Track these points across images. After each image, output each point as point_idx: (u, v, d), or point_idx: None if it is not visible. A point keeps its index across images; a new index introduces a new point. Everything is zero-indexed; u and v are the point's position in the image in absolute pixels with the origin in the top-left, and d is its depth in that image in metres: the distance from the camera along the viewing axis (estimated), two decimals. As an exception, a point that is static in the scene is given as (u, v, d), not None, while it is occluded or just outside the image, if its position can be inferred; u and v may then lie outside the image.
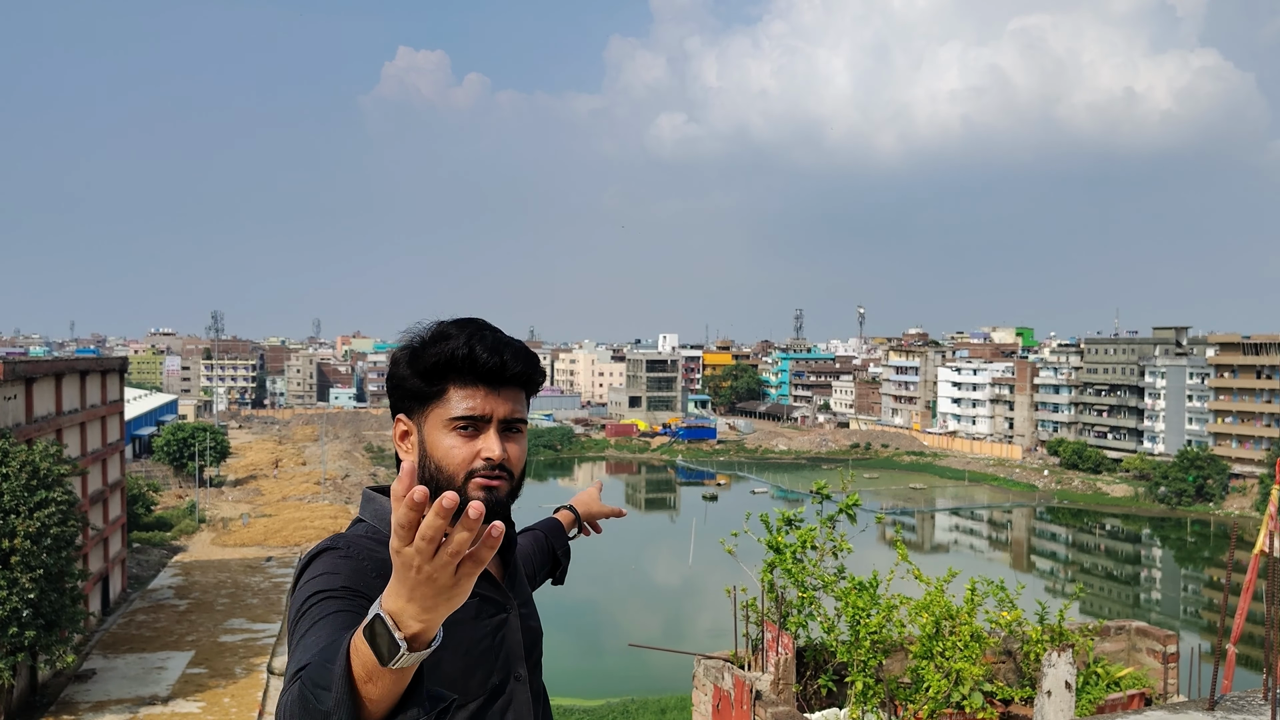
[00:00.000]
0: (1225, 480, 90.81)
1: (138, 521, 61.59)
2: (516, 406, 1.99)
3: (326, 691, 1.39)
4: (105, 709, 34.20)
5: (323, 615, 1.69)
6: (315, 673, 1.43)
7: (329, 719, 1.38)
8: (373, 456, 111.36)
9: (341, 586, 1.76)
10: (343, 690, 1.37)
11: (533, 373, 2.01)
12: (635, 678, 36.27)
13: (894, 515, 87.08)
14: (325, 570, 1.81)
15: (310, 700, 1.41)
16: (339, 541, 1.90)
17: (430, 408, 1.96)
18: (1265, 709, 4.20)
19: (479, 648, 1.96)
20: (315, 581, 1.79)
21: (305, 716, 1.41)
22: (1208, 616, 60.98)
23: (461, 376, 1.94)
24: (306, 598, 1.76)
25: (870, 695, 8.96)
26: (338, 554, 1.85)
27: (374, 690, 1.36)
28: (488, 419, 1.94)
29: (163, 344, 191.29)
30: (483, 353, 1.93)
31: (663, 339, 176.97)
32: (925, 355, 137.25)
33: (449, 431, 1.93)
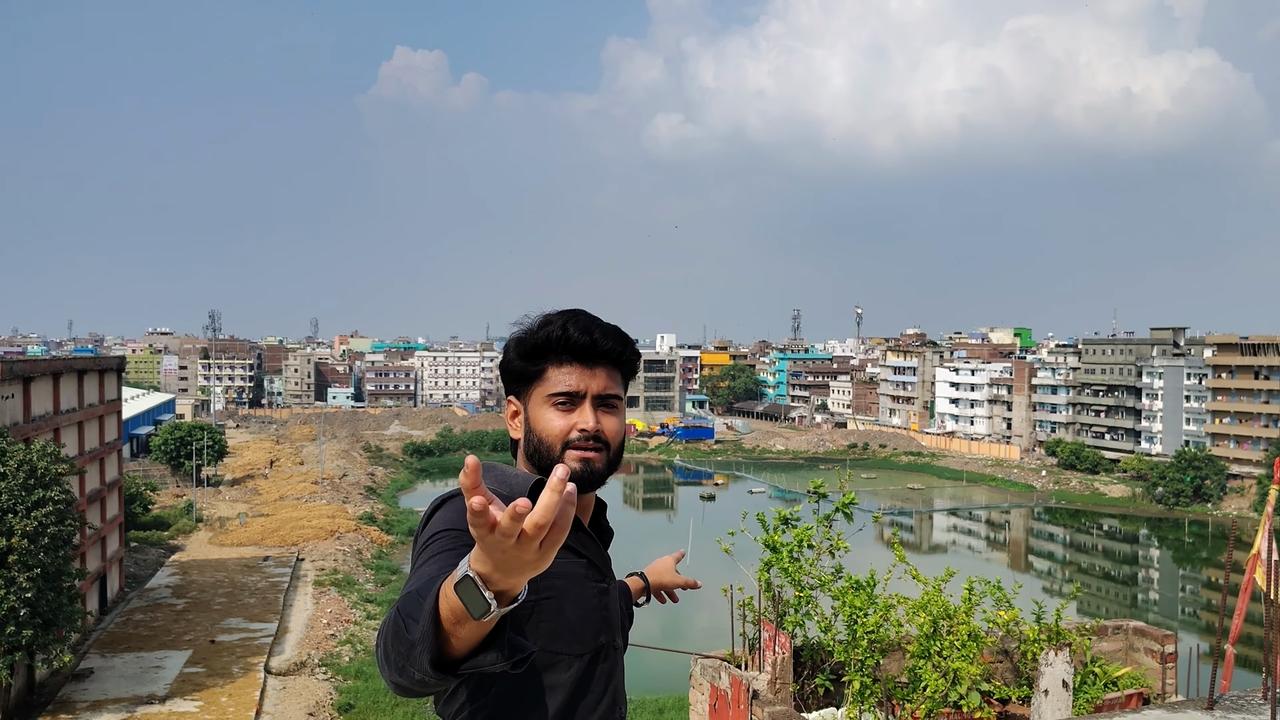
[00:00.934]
0: (1223, 481, 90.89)
1: (135, 521, 61.53)
2: (611, 384, 2.18)
3: (415, 622, 1.56)
4: (103, 708, 34.15)
5: (440, 550, 1.87)
6: (409, 604, 1.61)
7: (414, 648, 1.56)
8: (370, 456, 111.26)
9: (464, 529, 1.90)
10: (429, 626, 1.53)
11: (624, 351, 2.20)
12: (632, 678, 36.01)
13: (892, 515, 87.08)
14: (455, 511, 1.98)
15: (401, 628, 1.59)
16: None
17: (533, 387, 2.17)
18: (1264, 709, 4.19)
19: (589, 604, 2.12)
20: (442, 520, 1.98)
21: (396, 641, 1.60)
22: (1206, 617, 61.01)
23: (558, 356, 2.14)
24: (432, 534, 1.95)
25: (867, 695, 8.94)
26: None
27: (461, 631, 1.52)
28: (583, 394, 2.13)
29: (160, 343, 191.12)
30: (575, 332, 2.13)
31: (660, 339, 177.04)
32: (923, 355, 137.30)
33: (549, 407, 2.13)
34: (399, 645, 1.59)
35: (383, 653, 1.65)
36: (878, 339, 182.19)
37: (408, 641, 1.57)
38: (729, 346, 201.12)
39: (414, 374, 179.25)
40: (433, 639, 1.53)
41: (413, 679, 1.59)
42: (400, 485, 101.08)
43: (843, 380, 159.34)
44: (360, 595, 51.56)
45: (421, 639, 1.54)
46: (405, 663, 1.58)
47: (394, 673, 1.62)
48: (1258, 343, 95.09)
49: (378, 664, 1.70)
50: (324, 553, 59.54)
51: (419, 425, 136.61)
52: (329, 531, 64.48)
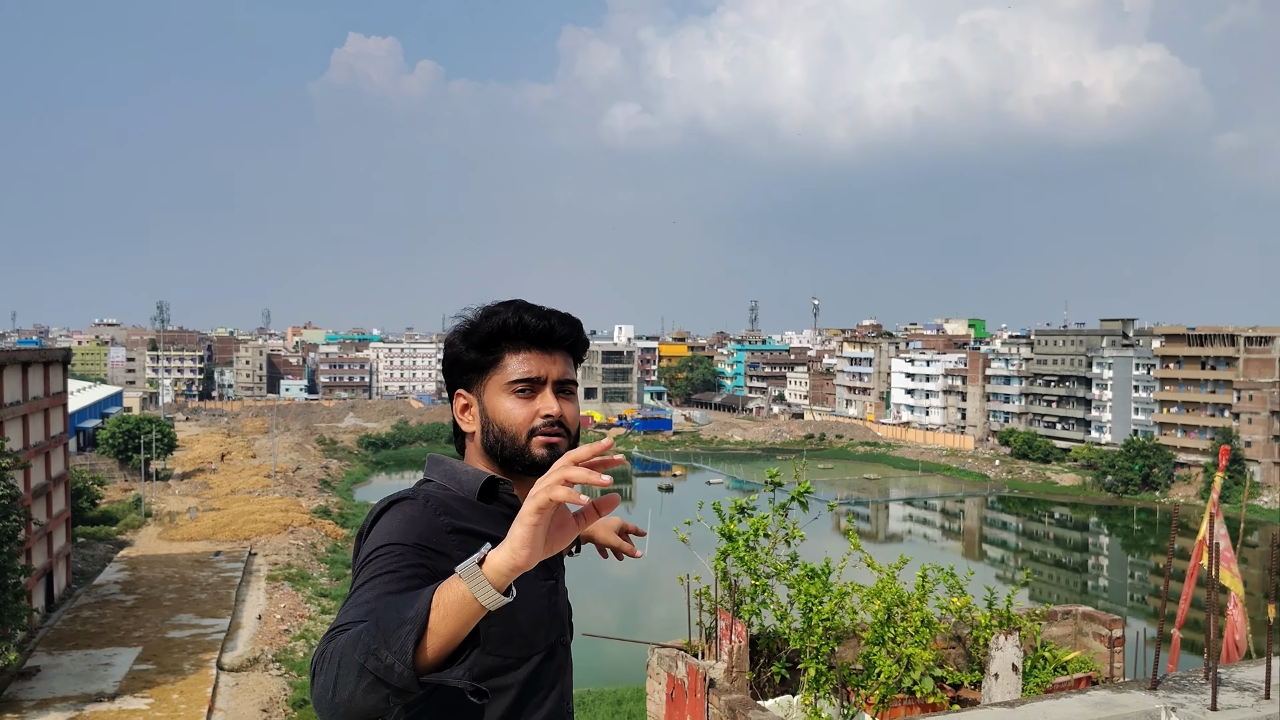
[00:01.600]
0: (1170, 469, 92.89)
1: (82, 516, 60.40)
2: (567, 369, 2.18)
3: (400, 622, 1.56)
4: (50, 707, 33.51)
5: (382, 572, 1.81)
6: (388, 611, 1.61)
7: (398, 631, 1.55)
8: (325, 449, 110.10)
9: (414, 543, 1.88)
10: (422, 615, 1.56)
11: (578, 336, 2.21)
12: (590, 669, 36.22)
13: (848, 505, 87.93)
14: (402, 521, 1.93)
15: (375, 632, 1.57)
16: (416, 493, 2.03)
17: (488, 376, 2.13)
18: (1206, 687, 4.27)
19: (540, 604, 2.10)
20: (385, 532, 1.91)
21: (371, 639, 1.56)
22: (1153, 602, 62.37)
23: (515, 343, 2.12)
24: (374, 549, 1.88)
25: (823, 681, 9.01)
26: (415, 505, 1.98)
27: (444, 631, 1.56)
28: (543, 380, 2.12)
29: (107, 335, 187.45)
30: (531, 319, 2.12)
31: (618, 330, 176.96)
32: (879, 346, 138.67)
33: (508, 395, 2.10)
34: (378, 633, 1.55)
35: (341, 661, 1.57)
36: (834, 330, 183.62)
37: (394, 623, 1.56)
38: (687, 338, 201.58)
39: (369, 365, 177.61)
40: (422, 625, 1.54)
41: (382, 672, 1.54)
42: (355, 478, 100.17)
43: (800, 371, 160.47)
44: (314, 589, 51.04)
45: (414, 618, 1.55)
46: (382, 649, 1.54)
47: (354, 676, 1.55)
48: (1204, 334, 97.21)
49: (318, 693, 1.60)
50: (277, 547, 58.85)
51: (374, 417, 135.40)
52: (282, 525, 63.75)
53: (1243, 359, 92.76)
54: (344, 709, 1.57)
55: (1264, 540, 74.15)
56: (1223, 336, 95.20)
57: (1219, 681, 4.27)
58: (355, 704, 1.56)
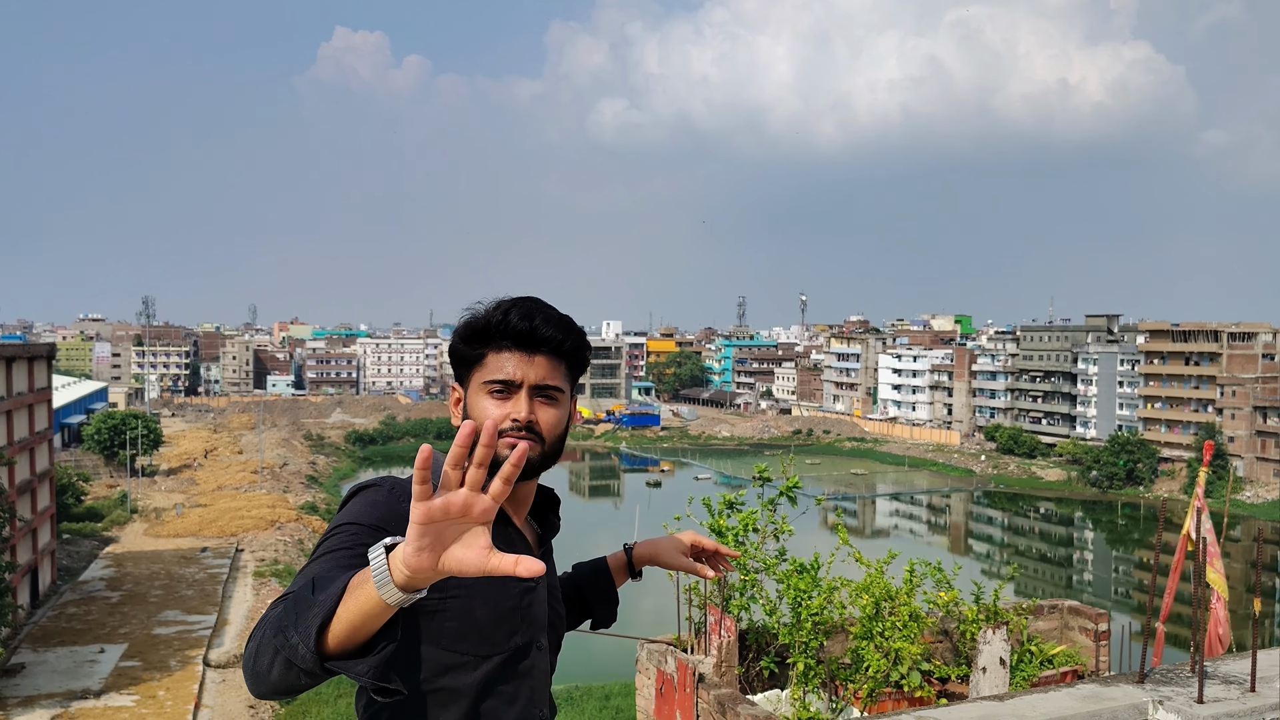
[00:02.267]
0: (1155, 464, 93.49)
1: (67, 512, 60.08)
2: (551, 374, 2.08)
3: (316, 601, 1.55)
4: (35, 703, 33.36)
5: (336, 547, 1.81)
6: (309, 588, 1.60)
7: (308, 612, 1.54)
8: (312, 445, 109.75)
9: (372, 525, 1.87)
10: (333, 597, 1.53)
11: (565, 340, 2.09)
12: (579, 664, 36.26)
13: (835, 500, 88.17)
14: (365, 504, 1.94)
15: (294, 606, 1.57)
16: (385, 481, 2.02)
17: (473, 373, 2.09)
18: (1192, 680, 4.31)
19: (507, 604, 2.03)
20: (351, 512, 1.93)
21: (286, 615, 1.57)
22: (1138, 596, 62.81)
23: (499, 342, 2.06)
24: (336, 525, 1.89)
25: (811, 676, 9.05)
26: (381, 491, 1.97)
27: (353, 620, 1.52)
28: (518, 384, 2.04)
29: (92, 330, 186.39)
30: (515, 318, 2.05)
31: (606, 326, 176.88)
32: (866, 342, 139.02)
33: (485, 394, 2.05)
34: (293, 611, 1.55)
35: (265, 630, 1.58)
36: (822, 326, 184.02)
37: (307, 604, 1.55)
38: (675, 333, 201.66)
39: (356, 361, 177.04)
40: (334, 604, 1.51)
41: (288, 650, 1.53)
42: (343, 474, 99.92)
43: (787, 367, 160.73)
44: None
45: (324, 601, 1.52)
46: (291, 629, 1.53)
47: (270, 648, 1.56)
48: (1188, 329, 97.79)
49: (245, 656, 1.64)
50: (264, 543, 58.67)
51: (361, 413, 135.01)
52: (269, 521, 63.55)
53: (1226, 355, 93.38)
54: (263, 679, 1.59)
55: (1246, 535, 74.72)
56: (1206, 333, 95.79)
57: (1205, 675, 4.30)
58: (271, 677, 1.57)
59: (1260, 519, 78.41)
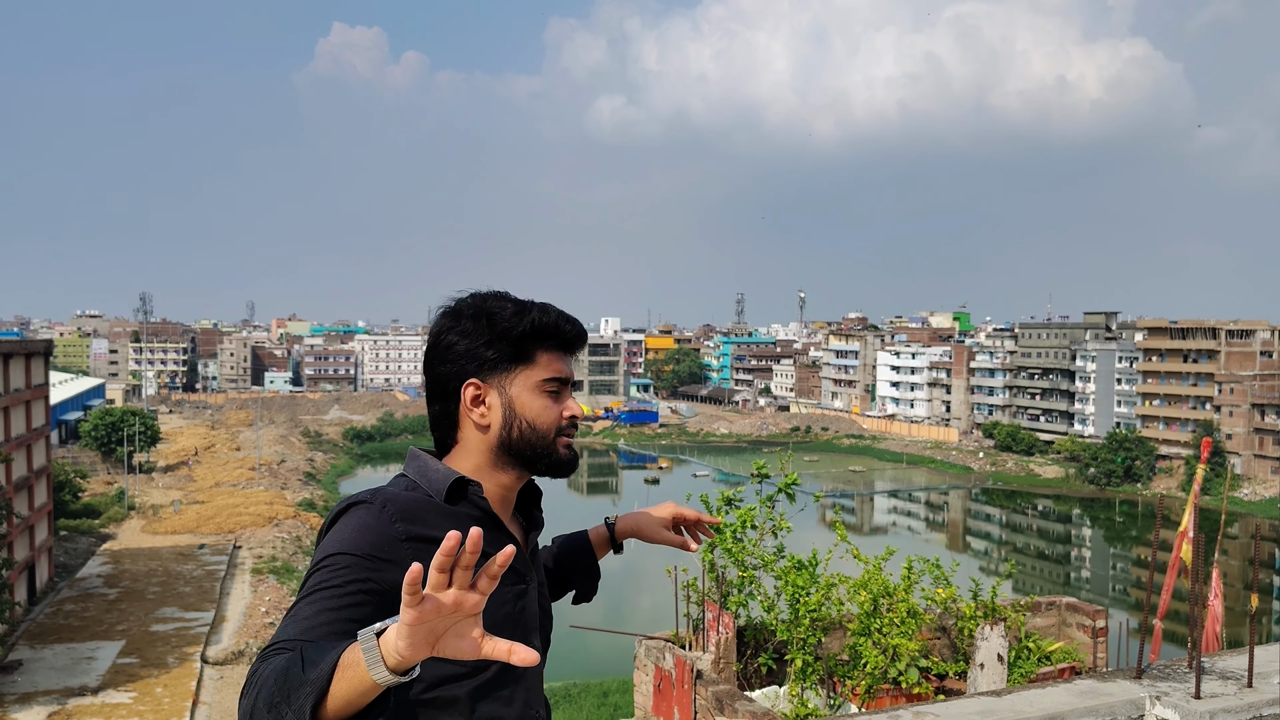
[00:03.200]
0: (1152, 461, 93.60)
1: (65, 509, 60.05)
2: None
3: (314, 666, 1.51)
4: (33, 700, 33.35)
5: (322, 586, 1.77)
6: (313, 651, 1.56)
7: (301, 689, 1.50)
8: (310, 441, 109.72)
9: (364, 553, 1.82)
10: (327, 671, 1.50)
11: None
12: (577, 661, 36.32)
13: (833, 497, 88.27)
14: (354, 527, 1.87)
15: (295, 667, 1.53)
16: (374, 496, 1.95)
17: (515, 373, 2.07)
18: (1190, 676, 4.31)
19: (501, 612, 2.00)
20: (340, 540, 1.85)
21: (283, 679, 1.52)
22: (1135, 594, 62.90)
23: (546, 343, 2.09)
24: (327, 555, 1.83)
25: (809, 672, 9.05)
26: (371, 510, 1.91)
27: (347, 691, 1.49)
28: (568, 381, 2.13)
29: (89, 326, 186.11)
30: (564, 323, 2.11)
31: (604, 322, 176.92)
32: (864, 339, 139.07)
33: (541, 394, 2.08)
34: (285, 686, 1.52)
35: (258, 697, 1.54)
36: (820, 323, 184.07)
37: (298, 682, 1.51)
38: (673, 330, 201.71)
39: (354, 358, 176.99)
40: (325, 685, 1.49)
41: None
42: (341, 471, 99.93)
43: (786, 364, 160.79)
44: (300, 583, 50.83)
45: (314, 681, 1.49)
46: (284, 705, 1.50)
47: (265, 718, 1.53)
48: (1186, 327, 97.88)
49: (240, 715, 1.59)
50: (262, 540, 58.66)
51: (359, 410, 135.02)
52: (267, 518, 63.54)
53: (1224, 352, 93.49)
54: None
55: (1244, 532, 74.82)
56: (1204, 330, 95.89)
57: (1202, 670, 4.30)
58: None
59: (1258, 516, 78.47)
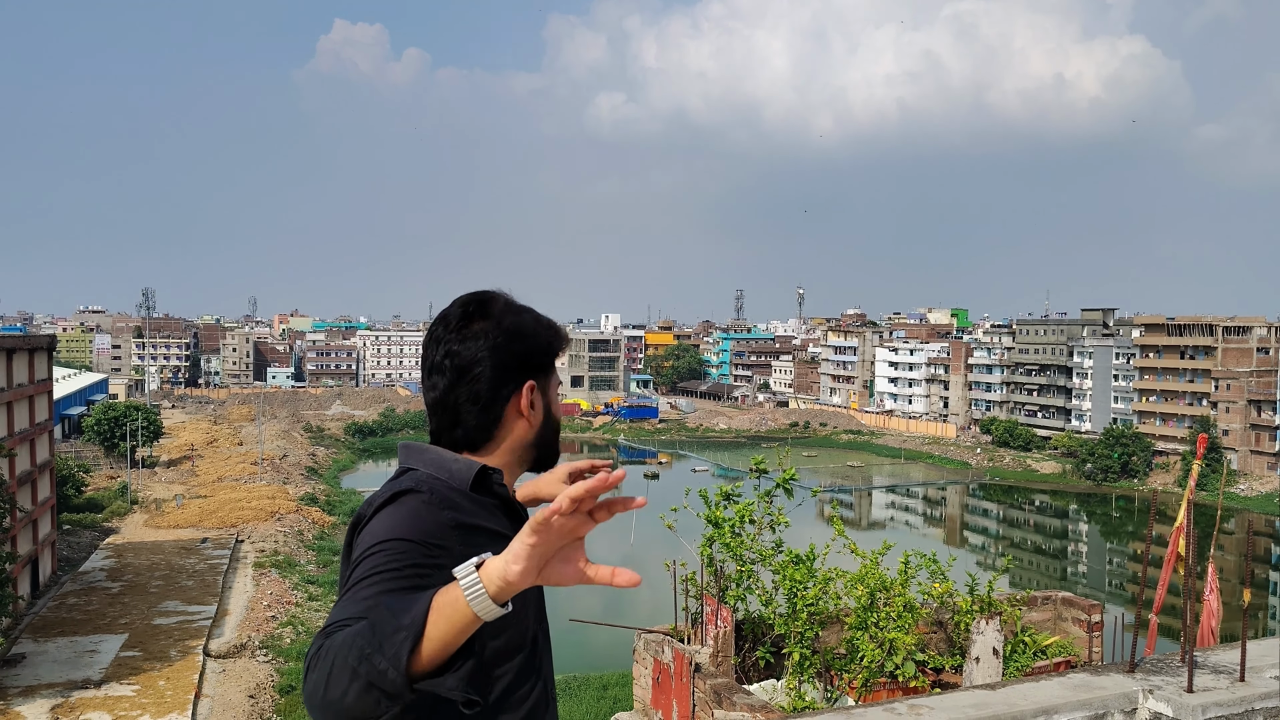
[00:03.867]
0: (1149, 457, 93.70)
1: (68, 503, 60.15)
2: None
3: (399, 620, 1.53)
4: (36, 693, 33.48)
5: (385, 569, 1.75)
6: (384, 613, 1.56)
7: (396, 636, 1.51)
8: (311, 437, 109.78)
9: (418, 539, 1.83)
10: (419, 619, 1.52)
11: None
12: (576, 655, 36.42)
13: (831, 493, 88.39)
14: (406, 515, 1.88)
15: (374, 632, 1.53)
16: (421, 485, 1.96)
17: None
18: (1182, 670, 4.43)
19: (526, 595, 2.06)
20: (392, 526, 1.85)
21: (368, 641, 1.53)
22: (1131, 589, 63.03)
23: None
24: (381, 540, 1.82)
25: (807, 666, 9.17)
26: (420, 499, 1.92)
27: (442, 638, 1.53)
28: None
29: (92, 322, 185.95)
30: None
31: (605, 319, 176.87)
32: (863, 336, 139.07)
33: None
34: (374, 637, 1.52)
35: (335, 661, 1.53)
36: (819, 319, 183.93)
37: (391, 628, 1.52)
38: (673, 326, 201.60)
39: (356, 353, 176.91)
40: (421, 627, 1.51)
41: (376, 677, 1.50)
42: (342, 466, 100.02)
43: (785, 360, 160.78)
44: (301, 576, 51.05)
45: (411, 624, 1.51)
46: (377, 654, 1.50)
47: (347, 678, 1.52)
48: (1183, 323, 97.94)
49: (309, 690, 1.57)
50: (264, 534, 58.78)
51: (361, 405, 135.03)
52: (269, 513, 63.64)
53: (1221, 349, 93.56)
54: (335, 709, 1.53)
55: (1240, 528, 74.98)
56: (1201, 326, 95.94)
57: (1195, 664, 4.42)
58: (346, 705, 1.52)
59: (1254, 511, 78.65)
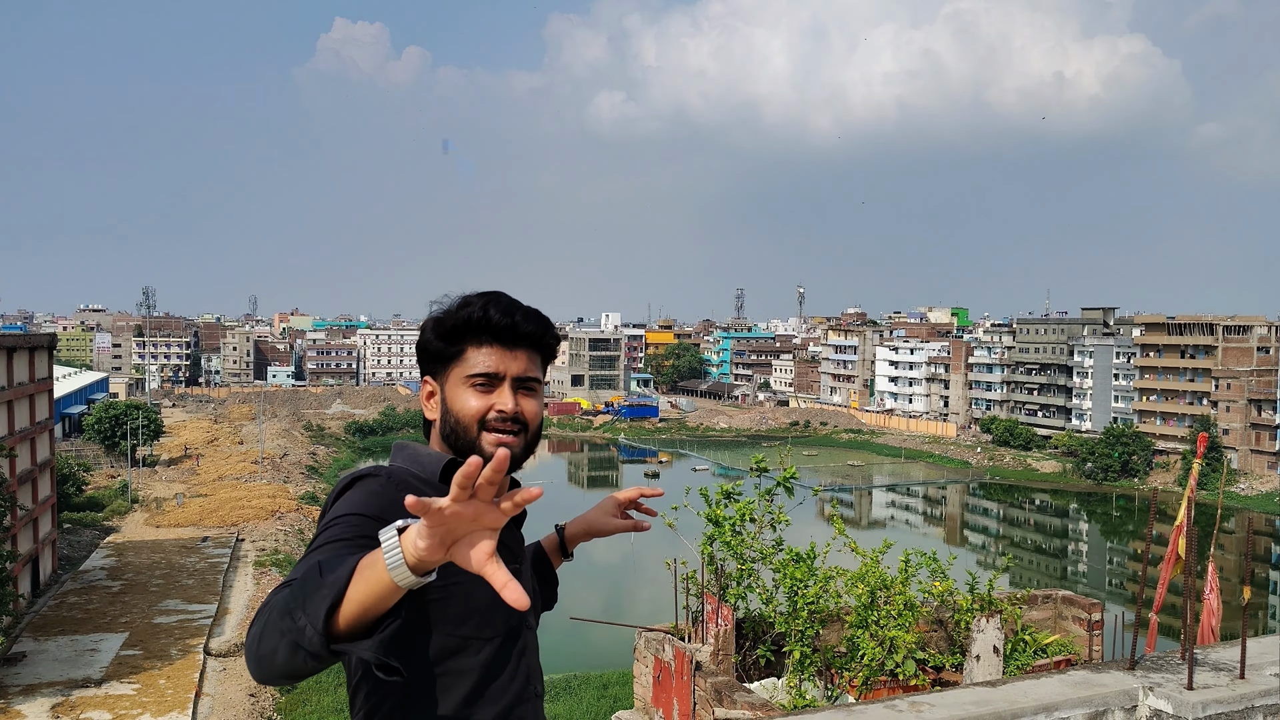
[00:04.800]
0: (1149, 456, 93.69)
1: (68, 502, 60.15)
2: (530, 366, 2.17)
3: (323, 580, 1.58)
4: (36, 692, 33.48)
5: (337, 538, 1.84)
6: (318, 569, 1.62)
7: (314, 595, 1.57)
8: (312, 435, 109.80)
9: (374, 515, 1.88)
10: (342, 579, 1.56)
11: (544, 335, 2.20)
12: (577, 653, 36.45)
13: (832, 491, 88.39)
14: (365, 494, 1.97)
15: (302, 588, 1.60)
16: (380, 471, 2.05)
17: (451, 368, 2.14)
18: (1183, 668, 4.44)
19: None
20: (351, 503, 1.95)
21: (293, 598, 1.60)
22: (1131, 588, 63.04)
23: (478, 337, 2.12)
24: (337, 516, 1.91)
25: (807, 664, 9.17)
26: (379, 481, 2.01)
27: (363, 601, 1.55)
28: (501, 376, 2.13)
29: (92, 320, 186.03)
30: (496, 314, 2.11)
31: (605, 317, 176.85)
32: (863, 335, 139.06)
33: (467, 388, 2.12)
34: (300, 594, 1.58)
35: (270, 616, 1.60)
36: (819, 318, 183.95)
37: (315, 586, 1.57)
38: (673, 325, 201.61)
39: (356, 352, 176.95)
40: (343, 587, 1.54)
41: (294, 633, 1.56)
42: (343, 464, 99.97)
43: (785, 359, 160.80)
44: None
45: (332, 583, 1.55)
46: (298, 610, 1.56)
47: (276, 633, 1.58)
48: (1184, 323, 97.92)
49: (248, 641, 1.65)
50: (265, 533, 58.79)
51: (361, 404, 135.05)
52: (270, 511, 63.67)
53: (1221, 348, 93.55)
54: (267, 663, 1.61)
55: (1239, 527, 75.00)
56: (1202, 326, 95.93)
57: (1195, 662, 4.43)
58: (276, 661, 1.59)
59: (1254, 511, 78.67)
